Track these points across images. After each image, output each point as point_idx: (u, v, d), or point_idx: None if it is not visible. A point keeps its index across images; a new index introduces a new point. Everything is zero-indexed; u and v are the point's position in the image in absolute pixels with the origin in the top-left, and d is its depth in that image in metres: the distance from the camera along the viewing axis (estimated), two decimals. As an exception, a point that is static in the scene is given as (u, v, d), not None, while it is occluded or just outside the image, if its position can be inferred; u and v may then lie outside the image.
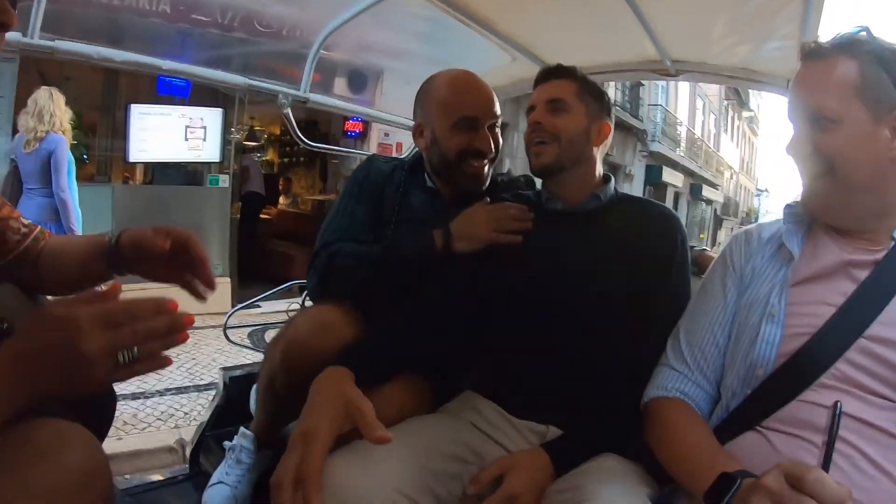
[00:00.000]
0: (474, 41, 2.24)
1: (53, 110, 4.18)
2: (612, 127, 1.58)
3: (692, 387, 1.23)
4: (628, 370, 1.35)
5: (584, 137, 1.51)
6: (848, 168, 1.08)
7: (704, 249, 1.89)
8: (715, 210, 30.99)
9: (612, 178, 1.61)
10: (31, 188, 4.25)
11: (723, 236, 34.65)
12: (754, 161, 41.21)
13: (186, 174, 7.51)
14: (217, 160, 7.37)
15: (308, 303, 2.01)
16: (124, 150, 6.58)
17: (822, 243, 1.17)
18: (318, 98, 2.16)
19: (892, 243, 1.11)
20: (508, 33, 2.19)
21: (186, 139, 6.97)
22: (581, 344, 1.40)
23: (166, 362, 0.77)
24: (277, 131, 12.20)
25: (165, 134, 6.76)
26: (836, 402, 0.84)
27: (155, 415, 4.02)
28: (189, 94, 6.88)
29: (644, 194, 17.85)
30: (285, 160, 12.68)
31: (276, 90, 2.07)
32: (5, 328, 0.97)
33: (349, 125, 8.63)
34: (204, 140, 7.11)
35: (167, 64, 1.86)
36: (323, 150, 7.25)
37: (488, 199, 1.61)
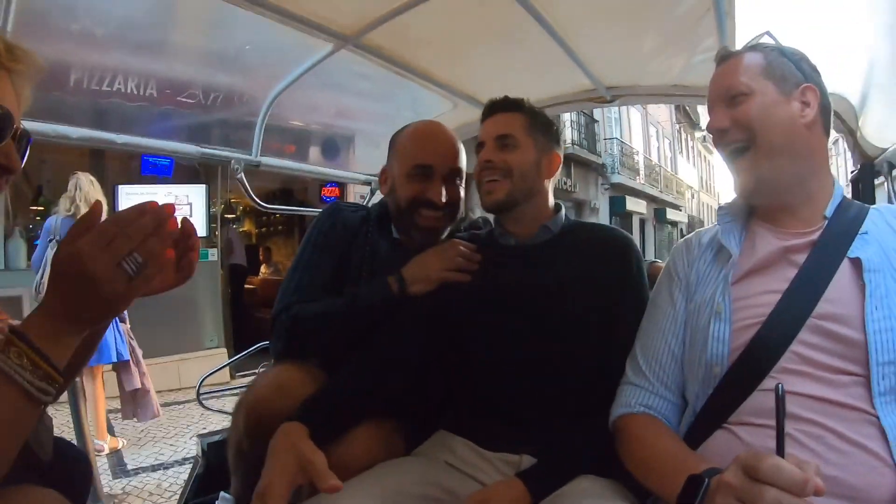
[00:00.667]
0: (417, 93, 2.23)
1: (90, 195, 4.16)
2: (562, 157, 1.55)
3: (655, 399, 1.21)
4: (596, 391, 1.31)
5: (534, 171, 1.47)
6: (765, 131, 1.13)
7: (655, 261, 1.86)
8: (681, 230, 31.18)
9: (563, 207, 1.57)
10: None
11: (692, 253, 34.99)
12: (713, 178, 41.84)
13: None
14: (204, 235, 7.32)
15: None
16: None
17: (760, 236, 1.18)
18: (270, 161, 2.13)
19: (825, 222, 1.12)
20: (447, 81, 2.19)
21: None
22: (546, 372, 1.36)
23: (167, 255, 0.81)
24: (250, 203, 11.98)
25: (152, 210, 6.71)
26: (777, 385, 0.78)
27: (148, 489, 3.85)
28: (172, 171, 6.84)
29: (610, 225, 18.17)
30: (262, 230, 12.43)
31: (229, 156, 2.03)
32: None
33: (326, 191, 8.60)
34: (190, 216, 7.08)
35: (121, 138, 1.83)
36: (280, 212, 7.23)
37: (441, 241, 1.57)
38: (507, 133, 1.45)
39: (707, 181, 41.23)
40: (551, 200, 1.54)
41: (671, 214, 26.49)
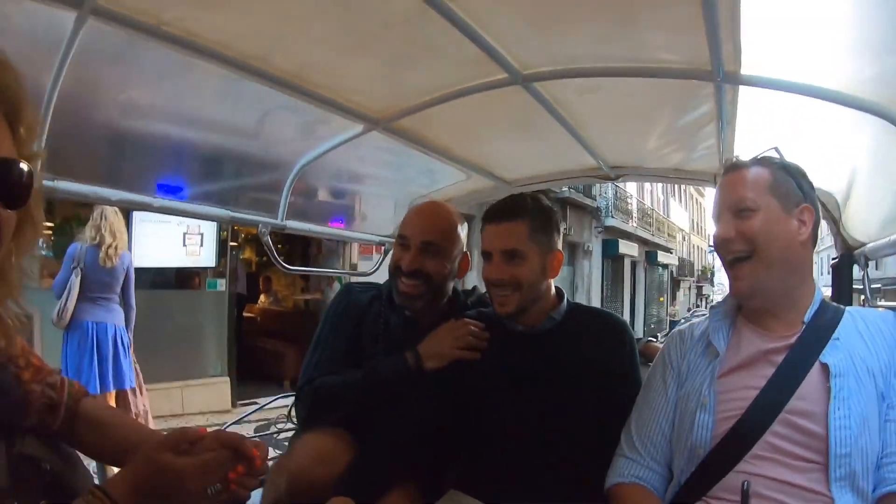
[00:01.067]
0: (433, 164, 2.30)
1: (115, 227, 4.27)
2: (563, 253, 1.62)
3: (645, 471, 1.35)
4: (592, 462, 1.43)
5: (540, 276, 1.54)
6: (767, 246, 1.23)
7: (650, 340, 1.97)
8: (671, 272, 31.35)
9: (565, 295, 1.65)
10: (101, 296, 4.24)
11: (681, 296, 35.04)
12: (704, 220, 42.08)
13: (182, 278, 7.45)
14: (213, 265, 7.34)
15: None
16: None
17: (745, 336, 1.31)
18: (295, 225, 2.18)
19: (803, 326, 1.25)
20: (462, 157, 2.26)
21: (185, 245, 6.95)
22: (549, 446, 1.47)
23: (244, 496, 0.92)
24: (254, 230, 11.84)
25: (165, 240, 6.76)
26: (744, 482, 1.02)
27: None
28: (181, 187, 6.85)
29: (602, 267, 18.25)
30: (263, 258, 12.18)
31: (257, 220, 2.09)
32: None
33: (332, 225, 8.61)
34: (201, 246, 7.11)
35: (157, 202, 1.88)
36: (301, 273, 7.18)
37: (453, 320, 1.62)
38: (513, 248, 1.49)
39: (698, 223, 41.46)
40: (553, 290, 1.62)
41: (662, 257, 26.61)
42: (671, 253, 29.65)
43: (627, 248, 20.31)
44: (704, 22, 1.22)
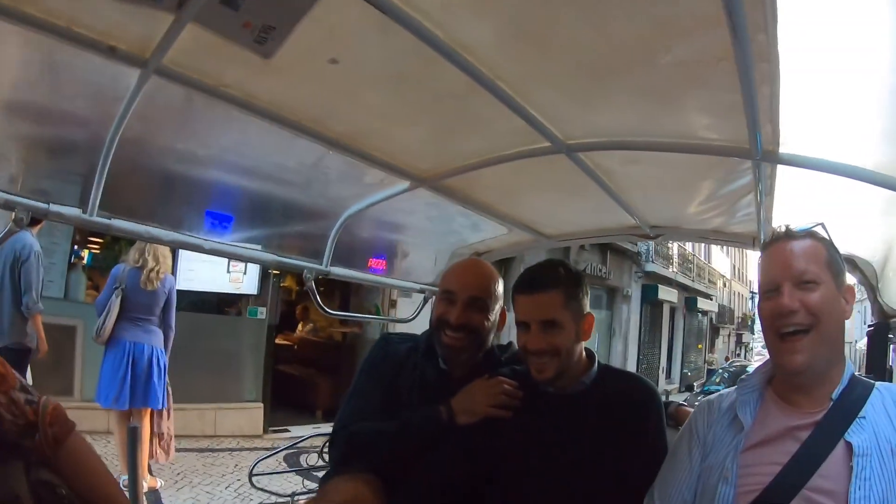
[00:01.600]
0: (476, 218, 2.35)
1: (158, 252, 4.41)
2: (593, 316, 1.64)
3: None
4: None
5: (575, 341, 1.57)
6: (827, 321, 1.22)
7: (682, 404, 1.93)
8: (711, 319, 30.46)
9: (596, 357, 1.67)
10: (140, 317, 4.38)
11: (720, 344, 33.90)
12: (745, 266, 40.92)
13: (224, 303, 7.62)
14: (255, 293, 7.50)
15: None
16: (173, 279, 6.75)
17: (771, 412, 1.30)
18: (338, 271, 2.25)
19: (830, 403, 1.22)
20: (504, 213, 2.31)
21: (229, 272, 7.15)
22: None
23: None
24: None
25: (210, 265, 6.91)
26: None
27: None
28: (231, 230, 7.05)
29: (641, 313, 17.87)
30: (303, 287, 12.34)
31: (302, 266, 2.17)
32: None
33: (372, 262, 8.71)
34: (244, 273, 7.30)
35: (208, 244, 1.98)
36: (344, 318, 7.30)
37: (487, 376, 1.65)
38: (550, 318, 1.52)
39: (740, 269, 40.33)
40: (584, 353, 1.64)
41: (701, 303, 25.94)
42: (711, 299, 28.88)
43: (667, 293, 19.90)
44: (744, 103, 1.25)
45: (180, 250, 6.41)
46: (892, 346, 2.04)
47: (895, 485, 1.12)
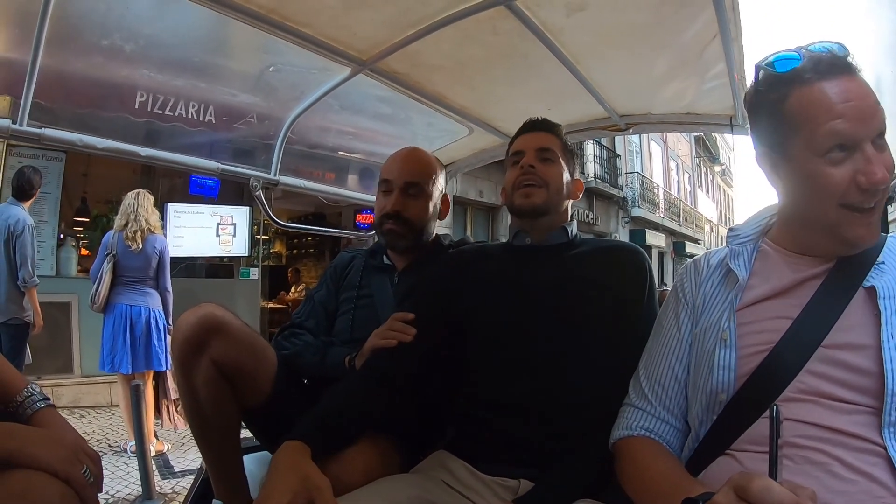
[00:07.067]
0: (433, 118, 2.16)
1: (139, 210, 4.21)
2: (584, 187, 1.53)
3: (656, 422, 1.11)
4: (599, 408, 1.21)
5: (565, 189, 1.47)
6: None
7: (665, 287, 1.74)
8: (700, 262, 30.49)
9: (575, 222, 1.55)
10: (133, 280, 4.24)
11: (710, 285, 33.95)
12: (731, 211, 40.77)
13: (216, 266, 7.50)
14: (246, 254, 7.38)
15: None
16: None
17: (774, 263, 1.06)
18: (287, 180, 2.08)
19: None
20: (462, 107, 2.11)
21: (218, 235, 7.00)
22: (556, 373, 1.28)
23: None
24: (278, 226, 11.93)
25: (199, 231, 6.82)
26: (772, 407, 0.73)
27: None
28: (218, 192, 6.87)
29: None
30: (293, 251, 12.08)
31: (248, 174, 1.99)
32: None
33: (360, 217, 8.49)
34: (234, 236, 7.14)
35: (145, 151, 1.82)
36: (297, 230, 7.19)
37: None
38: (547, 147, 1.46)
39: (726, 214, 40.26)
40: (569, 213, 1.52)
41: (689, 248, 25.80)
42: (699, 244, 28.82)
43: (655, 238, 19.78)
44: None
45: (168, 217, 6.34)
46: None
47: None
